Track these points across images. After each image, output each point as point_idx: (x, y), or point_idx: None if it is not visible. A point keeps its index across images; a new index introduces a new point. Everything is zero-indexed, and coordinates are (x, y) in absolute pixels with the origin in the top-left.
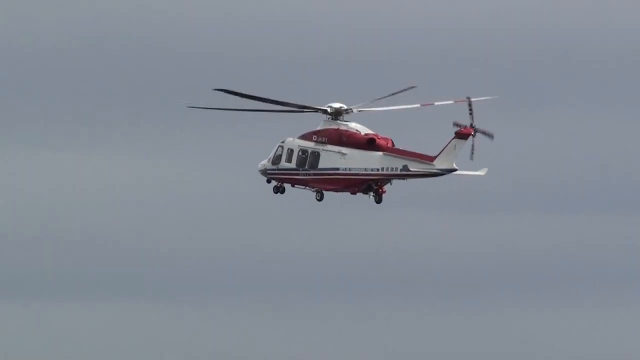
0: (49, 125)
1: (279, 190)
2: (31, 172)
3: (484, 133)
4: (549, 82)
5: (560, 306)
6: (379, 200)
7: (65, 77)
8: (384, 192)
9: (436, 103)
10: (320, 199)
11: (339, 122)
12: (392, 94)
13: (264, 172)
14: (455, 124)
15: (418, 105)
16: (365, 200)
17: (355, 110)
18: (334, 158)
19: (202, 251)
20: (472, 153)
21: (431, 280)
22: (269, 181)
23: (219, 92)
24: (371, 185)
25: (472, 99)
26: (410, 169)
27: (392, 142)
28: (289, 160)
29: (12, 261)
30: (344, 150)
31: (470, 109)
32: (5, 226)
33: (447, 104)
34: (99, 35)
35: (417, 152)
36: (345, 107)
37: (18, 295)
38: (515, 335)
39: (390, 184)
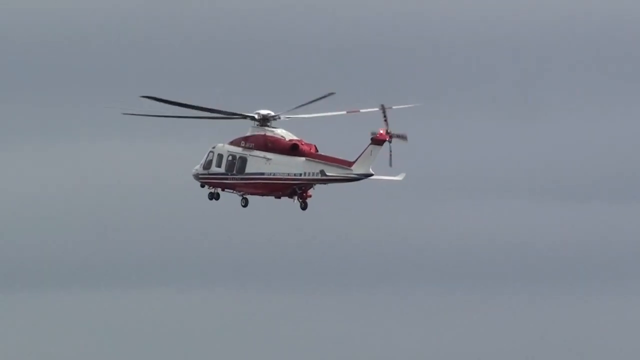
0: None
1: (214, 196)
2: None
3: (398, 137)
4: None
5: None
6: (304, 206)
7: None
8: (309, 196)
9: (362, 110)
10: (245, 205)
11: (265, 128)
12: (312, 101)
13: (197, 176)
14: (372, 132)
15: (344, 112)
16: (291, 205)
17: (282, 117)
18: (259, 163)
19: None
20: (391, 159)
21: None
22: (202, 185)
23: (146, 98)
24: (295, 189)
25: (387, 106)
26: (327, 174)
27: (316, 148)
28: (218, 165)
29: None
30: (269, 155)
31: (385, 116)
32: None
33: (372, 111)
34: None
35: (337, 157)
36: (272, 113)
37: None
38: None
39: (313, 188)
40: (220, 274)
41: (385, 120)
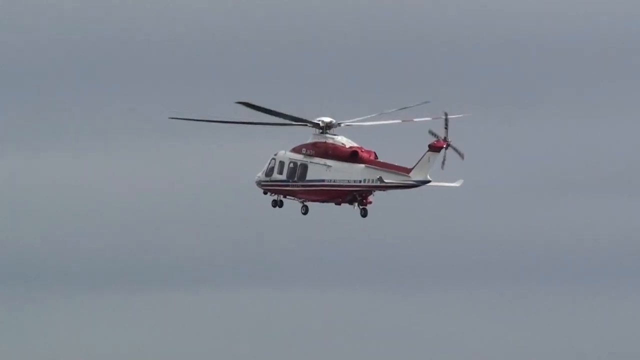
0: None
1: (277, 204)
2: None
3: (456, 150)
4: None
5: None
6: (364, 213)
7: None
8: (370, 202)
9: (415, 119)
10: (305, 212)
11: (326, 135)
12: (404, 108)
13: (259, 183)
14: (431, 133)
15: (399, 120)
16: (351, 211)
17: (343, 125)
18: (320, 170)
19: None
20: (443, 163)
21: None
22: (265, 192)
23: (240, 104)
24: (355, 196)
25: (449, 116)
26: (385, 181)
27: (376, 155)
28: (280, 172)
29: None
30: (329, 162)
31: (446, 124)
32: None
33: (426, 120)
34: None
35: (396, 164)
36: (334, 121)
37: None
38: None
39: (373, 195)
40: (285, 278)
41: (446, 128)
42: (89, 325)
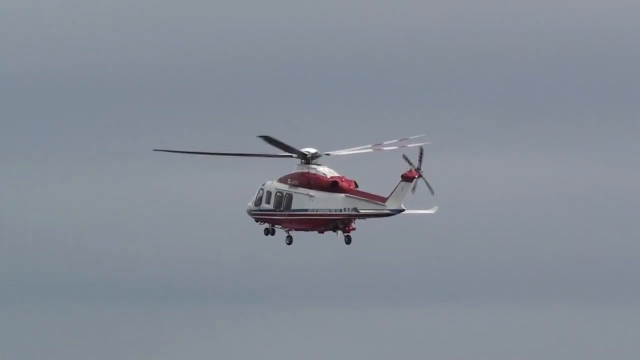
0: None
1: (269, 232)
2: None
3: (427, 184)
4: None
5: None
6: (348, 241)
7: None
8: (353, 229)
9: (385, 149)
10: (289, 243)
11: (309, 166)
12: (403, 139)
13: (249, 212)
14: (405, 158)
15: (371, 149)
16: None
17: (324, 155)
18: (303, 200)
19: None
20: (414, 189)
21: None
22: (256, 221)
23: (261, 138)
24: (337, 224)
25: (423, 147)
26: (360, 211)
27: (356, 184)
28: (267, 201)
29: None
30: (311, 192)
31: (421, 156)
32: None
33: (394, 149)
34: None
35: (373, 194)
36: (318, 151)
37: None
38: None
39: (354, 222)
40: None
41: (420, 160)
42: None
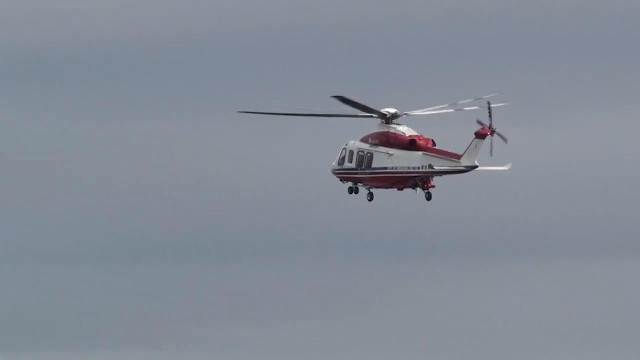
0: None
1: (353, 190)
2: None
3: (500, 136)
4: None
5: None
6: (428, 197)
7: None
8: (433, 186)
9: (465, 108)
10: (370, 199)
11: (389, 125)
12: (478, 99)
13: (333, 171)
14: (478, 122)
15: (452, 110)
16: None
17: (406, 115)
18: (383, 158)
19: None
20: (491, 150)
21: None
22: (341, 180)
23: (335, 98)
24: (416, 181)
25: (492, 104)
26: (435, 167)
27: (433, 142)
28: (350, 160)
29: None
30: (391, 151)
31: (490, 112)
32: None
33: (473, 109)
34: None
35: (449, 151)
36: (398, 111)
37: None
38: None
39: (432, 179)
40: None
41: (490, 116)
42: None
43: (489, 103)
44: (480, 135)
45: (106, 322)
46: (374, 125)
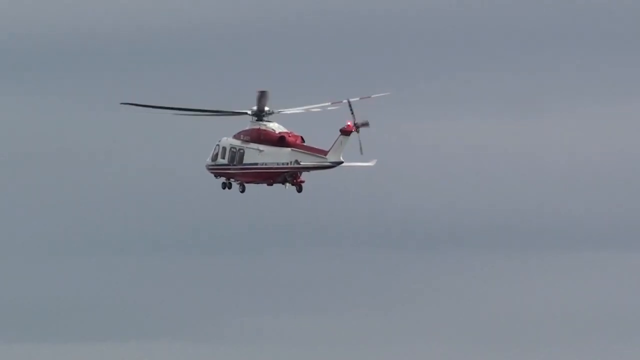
0: None
1: (227, 186)
2: None
3: (362, 125)
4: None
5: None
6: (299, 189)
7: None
8: (302, 181)
9: (344, 100)
10: (242, 190)
11: (260, 122)
12: (366, 97)
13: (207, 167)
14: (349, 106)
15: (329, 103)
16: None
17: (275, 112)
18: (254, 154)
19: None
20: (361, 148)
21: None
22: (216, 176)
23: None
24: (285, 177)
25: (351, 100)
26: (301, 163)
27: (302, 139)
28: (223, 157)
29: None
30: (261, 147)
31: (351, 109)
32: None
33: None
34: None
35: (317, 147)
36: (269, 109)
37: None
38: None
39: (300, 174)
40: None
41: (352, 113)
42: None
43: (348, 100)
44: (345, 132)
45: (104, 314)
46: (247, 122)
